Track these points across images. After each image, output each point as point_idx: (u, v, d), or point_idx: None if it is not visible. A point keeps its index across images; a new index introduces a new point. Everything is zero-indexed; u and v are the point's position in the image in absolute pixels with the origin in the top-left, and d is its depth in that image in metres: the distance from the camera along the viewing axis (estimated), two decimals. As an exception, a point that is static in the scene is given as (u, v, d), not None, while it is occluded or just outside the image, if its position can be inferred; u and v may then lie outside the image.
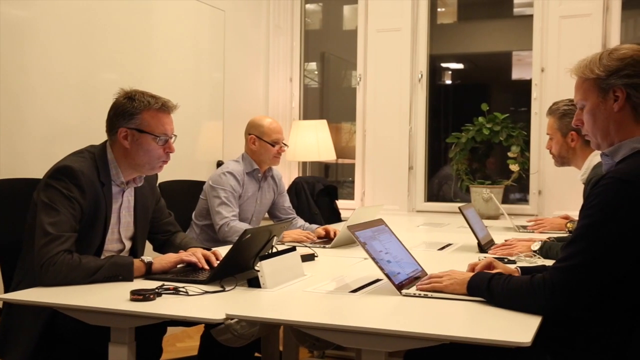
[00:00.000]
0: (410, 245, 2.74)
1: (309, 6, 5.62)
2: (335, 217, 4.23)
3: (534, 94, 4.53)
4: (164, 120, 2.31)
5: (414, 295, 1.84)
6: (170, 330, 2.50)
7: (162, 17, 4.13)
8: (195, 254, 2.23)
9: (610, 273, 1.61)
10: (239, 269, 2.09)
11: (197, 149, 4.52)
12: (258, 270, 1.97)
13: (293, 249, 2.20)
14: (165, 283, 1.94)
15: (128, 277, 2.03)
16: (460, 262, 2.23)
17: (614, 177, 1.64)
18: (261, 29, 5.23)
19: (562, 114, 2.95)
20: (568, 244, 1.68)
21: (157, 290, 1.83)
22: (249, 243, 2.05)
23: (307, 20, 5.66)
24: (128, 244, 2.38)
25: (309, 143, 4.81)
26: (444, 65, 7.81)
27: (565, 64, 1.89)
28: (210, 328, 1.92)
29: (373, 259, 1.90)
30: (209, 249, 2.33)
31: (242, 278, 2.02)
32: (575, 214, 1.79)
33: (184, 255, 2.22)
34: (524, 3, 5.92)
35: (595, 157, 2.89)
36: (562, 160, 3.05)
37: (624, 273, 1.61)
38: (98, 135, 2.37)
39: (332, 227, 3.12)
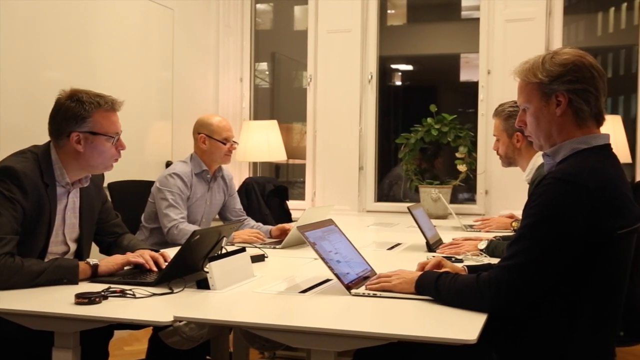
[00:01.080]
0: (360, 245, 2.75)
1: (259, 6, 5.60)
2: (286, 218, 4.23)
3: (481, 95, 4.62)
4: (114, 119, 2.28)
5: (363, 295, 1.85)
6: (118, 333, 2.46)
7: (108, 15, 4.05)
8: (142, 256, 2.20)
9: (552, 270, 1.65)
10: (187, 270, 2.06)
11: (146, 149, 4.46)
12: (207, 272, 1.95)
13: (243, 249, 2.19)
14: (112, 286, 1.90)
15: (73, 280, 1.99)
16: (409, 261, 2.26)
17: (555, 177, 1.69)
18: (211, 28, 5.18)
19: (507, 115, 3.01)
20: (512, 243, 1.72)
21: (103, 293, 1.80)
22: (197, 244, 2.03)
23: (258, 20, 5.64)
24: (73, 246, 2.32)
25: (260, 143, 4.79)
26: (393, 66, 7.90)
27: (511, 66, 1.92)
28: (159, 331, 1.90)
29: (323, 259, 1.90)
30: (157, 251, 2.30)
31: (191, 280, 2.00)
32: (520, 213, 1.84)
33: (131, 257, 2.19)
34: (471, 6, 6.03)
35: (539, 158, 2.96)
36: (508, 160, 3.10)
37: (565, 270, 1.65)
38: (41, 135, 2.31)
39: (287, 225, 3.12)
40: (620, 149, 4.05)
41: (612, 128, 4.05)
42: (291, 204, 4.52)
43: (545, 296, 1.67)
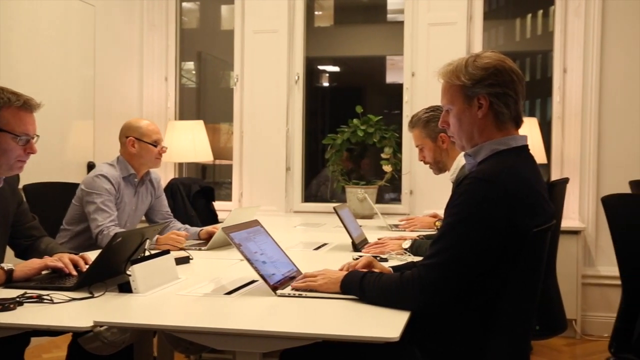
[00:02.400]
0: (287, 246, 2.76)
1: (185, 4, 5.52)
2: (212, 219, 4.18)
3: (405, 97, 4.70)
4: (26, 120, 2.18)
5: (289, 295, 1.85)
6: (36, 340, 2.37)
7: (26, 11, 3.89)
8: (61, 259, 2.12)
9: (473, 268, 1.70)
10: (109, 274, 2.01)
11: (66, 149, 4.31)
12: (129, 275, 1.91)
13: (167, 251, 2.15)
14: (28, 291, 1.82)
15: (-15, 286, 1.90)
16: (335, 261, 2.27)
17: (475, 177, 1.74)
18: (134, 26, 5.06)
19: (426, 121, 3.05)
20: (434, 242, 1.76)
21: (18, 299, 1.73)
22: (119, 247, 1.98)
23: (184, 18, 5.55)
24: (-14, 251, 2.22)
25: (186, 144, 4.72)
26: (320, 67, 7.95)
27: (434, 69, 1.97)
28: (78, 337, 1.84)
29: (248, 260, 1.89)
30: (77, 254, 2.22)
31: (113, 283, 1.94)
32: (443, 213, 1.89)
33: (49, 260, 2.11)
34: (397, 10, 6.14)
35: (463, 158, 3.02)
36: (438, 166, 3.13)
37: (485, 267, 1.70)
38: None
39: (216, 228, 3.08)
40: (537, 150, 4.21)
41: (529, 130, 4.21)
42: (218, 205, 4.47)
43: (466, 293, 1.72)
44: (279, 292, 1.87)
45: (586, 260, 4.34)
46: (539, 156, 4.26)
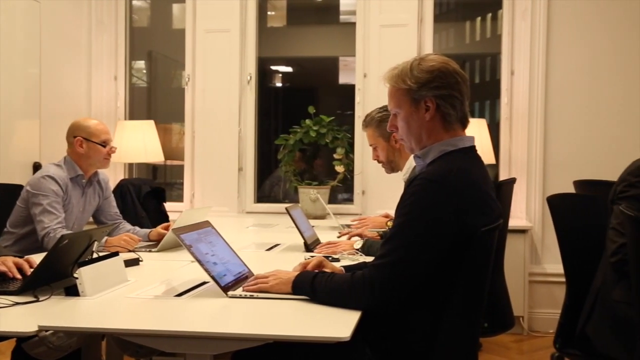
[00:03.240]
0: (239, 247, 2.74)
1: (135, 3, 5.43)
2: (163, 220, 4.10)
3: (357, 98, 4.74)
4: None
5: (240, 297, 1.84)
6: (-23, 347, 2.29)
7: (-33, 6, 3.77)
8: (5, 263, 2.06)
9: (423, 267, 1.72)
10: (55, 277, 1.96)
11: (11, 150, 4.19)
12: (77, 278, 1.87)
13: (116, 253, 2.11)
14: (-31, 296, 1.77)
15: None
16: (287, 261, 2.27)
17: (424, 178, 1.77)
18: (82, 24, 4.96)
19: (379, 120, 3.09)
20: (385, 242, 1.78)
21: (-42, 304, 1.67)
22: (66, 249, 1.93)
23: (134, 17, 5.47)
24: None
25: (136, 144, 4.64)
26: (273, 67, 7.94)
27: (385, 70, 1.98)
28: (22, 342, 1.79)
29: (199, 261, 1.88)
30: (21, 257, 2.16)
31: (59, 287, 1.90)
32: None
33: (-8, 264, 2.05)
34: (349, 11, 6.18)
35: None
36: (391, 165, 3.17)
37: (434, 266, 1.73)
38: None
39: (167, 225, 3.04)
40: (485, 151, 4.29)
41: (478, 131, 4.28)
42: (169, 205, 4.42)
43: (416, 292, 1.74)
44: (230, 293, 1.86)
45: (533, 258, 4.44)
46: (488, 156, 4.34)
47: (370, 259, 2.34)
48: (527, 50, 4.49)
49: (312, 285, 1.80)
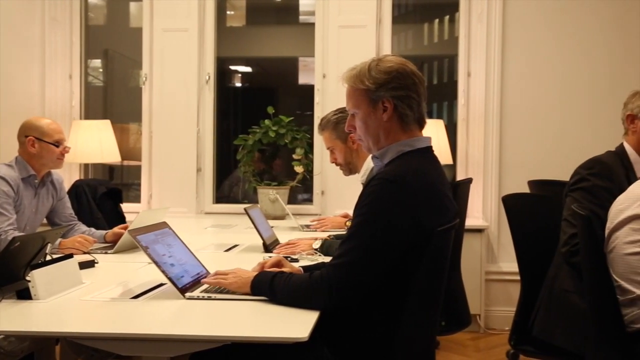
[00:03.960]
0: (197, 248, 2.72)
1: (91, 0, 5.33)
2: (120, 221, 4.02)
3: (317, 98, 4.74)
4: None
5: (198, 298, 1.83)
6: None
7: None
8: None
9: (380, 266, 1.73)
10: (6, 280, 1.91)
11: (-40, 150, 4.07)
12: (29, 281, 1.83)
13: (70, 255, 2.07)
14: None
15: None
16: (246, 262, 2.26)
17: (382, 178, 1.78)
18: (35, 21, 4.84)
19: (335, 122, 3.10)
20: (343, 242, 1.79)
21: None
22: (18, 251, 1.89)
23: (90, 15, 5.37)
24: None
25: (91, 144, 4.56)
26: (232, 67, 7.90)
27: (344, 71, 2.00)
28: (-28, 347, 1.74)
29: (156, 262, 1.86)
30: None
31: (11, 290, 1.85)
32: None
33: (-60, 268, 1.98)
34: (308, 11, 6.18)
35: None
36: (349, 167, 3.18)
37: (392, 266, 1.74)
38: None
39: (124, 226, 2.99)
40: (443, 151, 4.34)
41: (436, 132, 4.34)
42: (126, 206, 4.35)
43: (374, 291, 1.75)
44: (187, 294, 1.84)
45: (489, 257, 4.51)
46: (445, 157, 4.39)
47: (329, 259, 2.35)
48: (483, 52, 4.56)
49: (270, 286, 1.79)
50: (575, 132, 4.47)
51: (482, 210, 4.58)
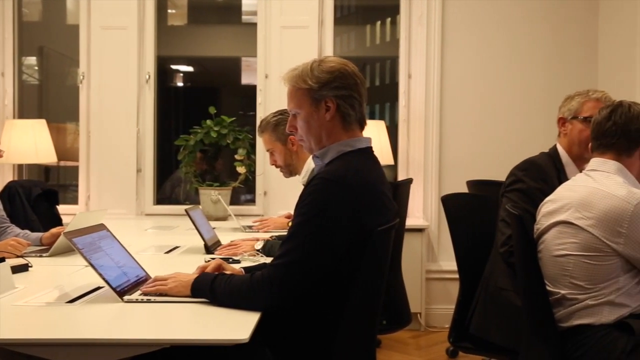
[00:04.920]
0: (137, 250, 2.68)
1: (26, -4, 5.17)
2: (56, 224, 3.92)
3: (259, 99, 4.73)
4: None
5: (137, 301, 1.80)
6: None
7: None
8: None
9: (321, 266, 1.74)
10: None
11: None
12: (-42, 286, 1.76)
13: (2, 259, 2.00)
14: None
15: None
16: (187, 264, 2.24)
17: (322, 178, 1.79)
18: (-34, 16, 4.67)
19: (275, 124, 3.09)
20: (284, 242, 1.79)
21: None
22: (-54, 256, 1.81)
23: (25, 10, 5.20)
24: None
25: (26, 144, 4.42)
26: (174, 67, 7.78)
27: (287, 71, 2.00)
28: None
29: (92, 266, 1.82)
30: None
31: (-62, 296, 1.78)
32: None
33: None
34: (251, 11, 6.15)
35: (312, 161, 3.09)
36: (289, 169, 3.18)
37: (332, 265, 1.75)
38: None
39: (60, 230, 2.91)
40: (384, 152, 4.39)
41: (377, 132, 4.38)
42: (63, 208, 4.23)
43: (315, 291, 1.76)
44: (126, 298, 1.81)
45: (430, 256, 4.59)
46: (386, 157, 4.44)
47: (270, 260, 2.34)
48: (424, 55, 4.63)
49: (211, 288, 1.78)
50: (513, 133, 4.60)
51: (422, 210, 4.66)
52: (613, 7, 4.45)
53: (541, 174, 2.50)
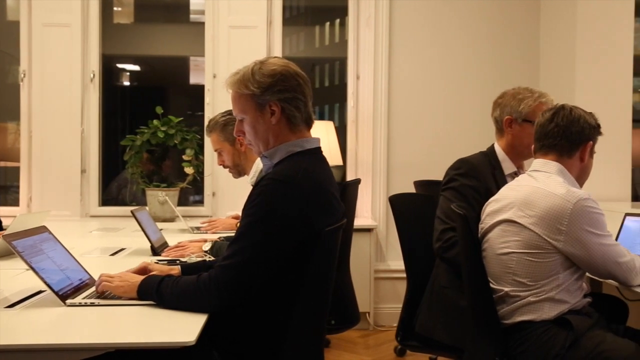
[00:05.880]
0: (81, 252, 2.63)
1: (-37, -9, 5.00)
2: (-4, 226, 3.83)
3: (207, 99, 4.69)
4: None
5: (80, 305, 1.76)
6: None
7: None
8: None
9: (269, 267, 1.74)
10: None
11: None
12: None
13: (-64, 264, 1.93)
14: None
15: None
16: (133, 266, 2.19)
17: (271, 179, 1.78)
18: None
19: (223, 124, 3.07)
20: (231, 243, 1.78)
21: None
22: None
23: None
24: None
25: (-36, 144, 4.28)
26: (120, 66, 7.65)
27: (229, 75, 1.97)
28: None
29: (33, 269, 1.77)
30: None
31: None
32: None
33: None
34: (199, 10, 6.09)
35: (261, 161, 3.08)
36: (237, 169, 3.16)
37: (281, 266, 1.75)
38: None
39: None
40: (333, 152, 4.41)
41: (326, 133, 4.40)
42: (3, 210, 4.12)
43: (263, 292, 1.75)
44: (69, 301, 1.77)
45: (378, 255, 4.64)
46: (335, 158, 4.47)
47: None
48: (372, 56, 4.67)
49: (158, 290, 1.75)
50: (460, 133, 4.68)
51: (371, 210, 4.69)
52: (553, 8, 4.58)
53: (473, 172, 2.57)
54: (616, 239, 2.58)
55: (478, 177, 2.55)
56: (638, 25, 5.04)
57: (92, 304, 1.76)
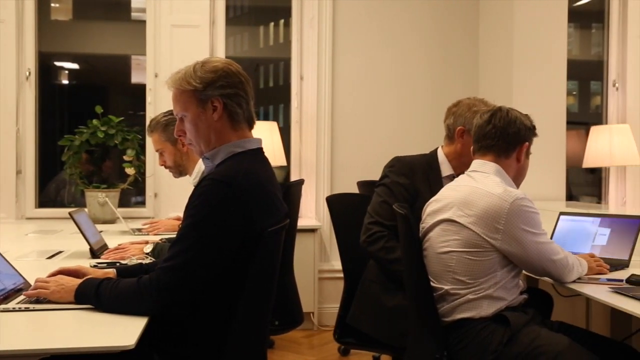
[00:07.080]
0: (16, 256, 2.55)
1: None
2: None
3: (149, 98, 4.62)
4: None
5: (13, 310, 1.70)
6: None
7: None
8: None
9: (211, 268, 1.72)
10: None
11: None
12: None
13: None
14: None
15: None
16: (69, 269, 2.14)
17: (212, 179, 1.77)
18: None
19: (165, 124, 3.03)
20: (172, 244, 1.76)
21: None
22: None
23: None
24: None
25: None
26: (58, 63, 7.44)
27: (170, 75, 1.95)
28: None
29: (-36, 274, 1.70)
30: None
31: None
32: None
33: None
34: (140, 8, 5.99)
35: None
36: (178, 169, 3.12)
37: (223, 267, 1.74)
38: None
39: None
40: (277, 153, 4.40)
41: (270, 133, 4.39)
42: None
43: (204, 293, 1.73)
44: (1, 307, 1.71)
45: (322, 256, 4.65)
46: (279, 158, 4.46)
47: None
48: (315, 57, 4.69)
49: (96, 293, 1.72)
50: (402, 133, 4.74)
51: (315, 211, 4.71)
52: (491, 12, 4.69)
53: (405, 170, 2.65)
54: (551, 237, 2.67)
55: (409, 175, 2.63)
56: (571, 31, 5.23)
57: (27, 309, 1.71)
